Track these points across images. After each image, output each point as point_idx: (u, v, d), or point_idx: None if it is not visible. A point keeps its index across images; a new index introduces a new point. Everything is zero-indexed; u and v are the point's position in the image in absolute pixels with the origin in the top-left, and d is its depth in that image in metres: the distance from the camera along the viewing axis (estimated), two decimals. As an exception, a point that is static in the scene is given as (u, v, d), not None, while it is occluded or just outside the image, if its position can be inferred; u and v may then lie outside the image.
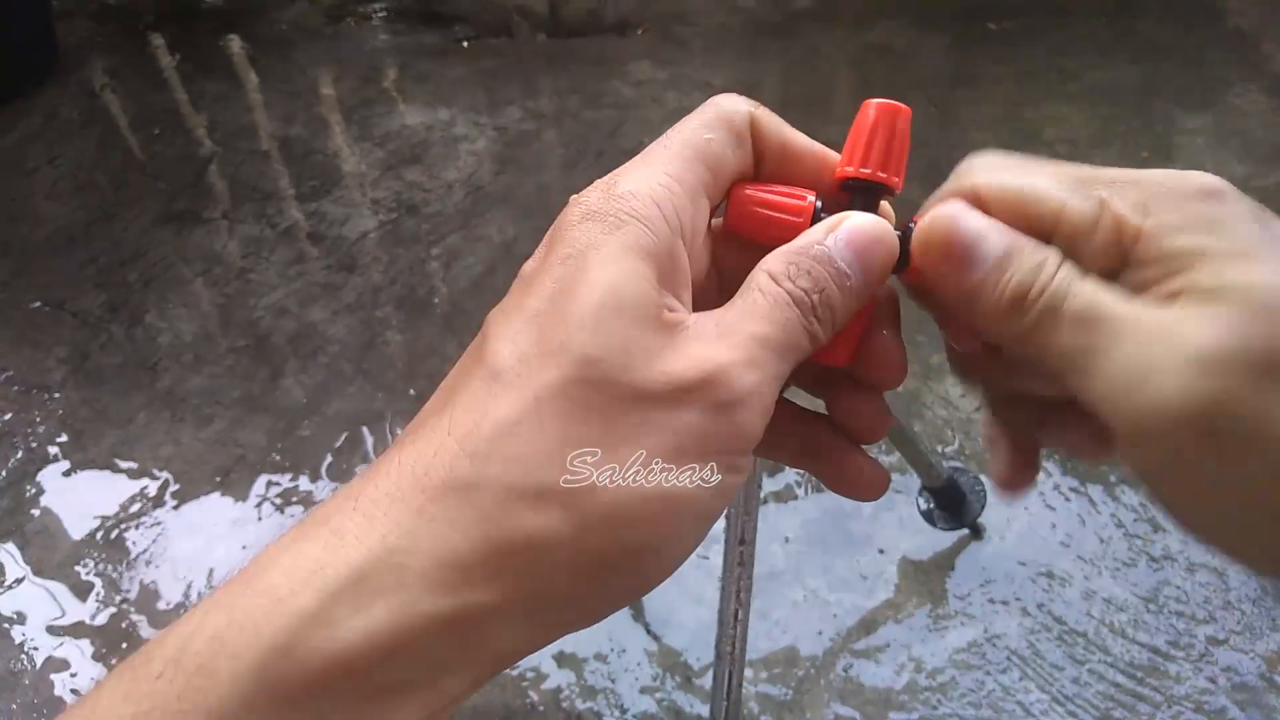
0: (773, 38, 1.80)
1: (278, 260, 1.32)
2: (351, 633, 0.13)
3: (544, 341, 0.15)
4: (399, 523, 0.14)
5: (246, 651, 0.13)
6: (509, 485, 0.14)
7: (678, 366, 0.15)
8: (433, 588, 0.14)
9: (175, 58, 1.79)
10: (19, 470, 1.03)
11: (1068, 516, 0.91)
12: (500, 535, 0.14)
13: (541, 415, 0.14)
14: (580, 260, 0.16)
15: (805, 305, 0.16)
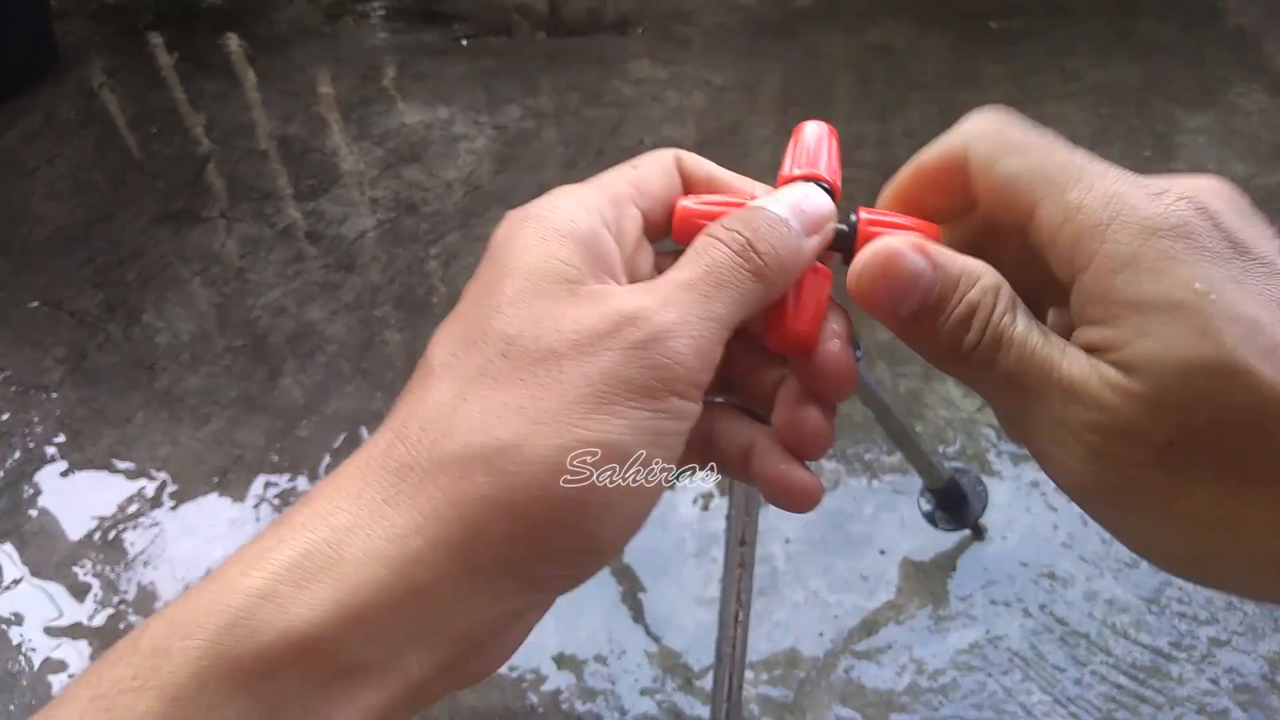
0: (773, 37, 1.79)
1: (276, 259, 1.31)
2: (298, 608, 0.14)
3: (469, 335, 0.16)
4: (340, 507, 0.15)
5: (197, 630, 0.14)
6: (438, 458, 0.15)
7: (590, 319, 0.15)
8: (373, 562, 0.14)
9: (174, 57, 1.78)
10: (17, 470, 1.02)
11: (1070, 517, 0.91)
12: (431, 505, 0.14)
13: (466, 393, 0.15)
14: (502, 254, 0.17)
15: (736, 243, 0.16)
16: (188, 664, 0.13)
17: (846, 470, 0.97)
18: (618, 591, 0.87)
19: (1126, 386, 0.14)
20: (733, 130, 1.52)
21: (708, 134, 1.51)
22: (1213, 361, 0.14)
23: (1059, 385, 0.15)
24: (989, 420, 1.02)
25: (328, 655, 0.14)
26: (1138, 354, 0.14)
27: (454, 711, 0.80)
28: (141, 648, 0.14)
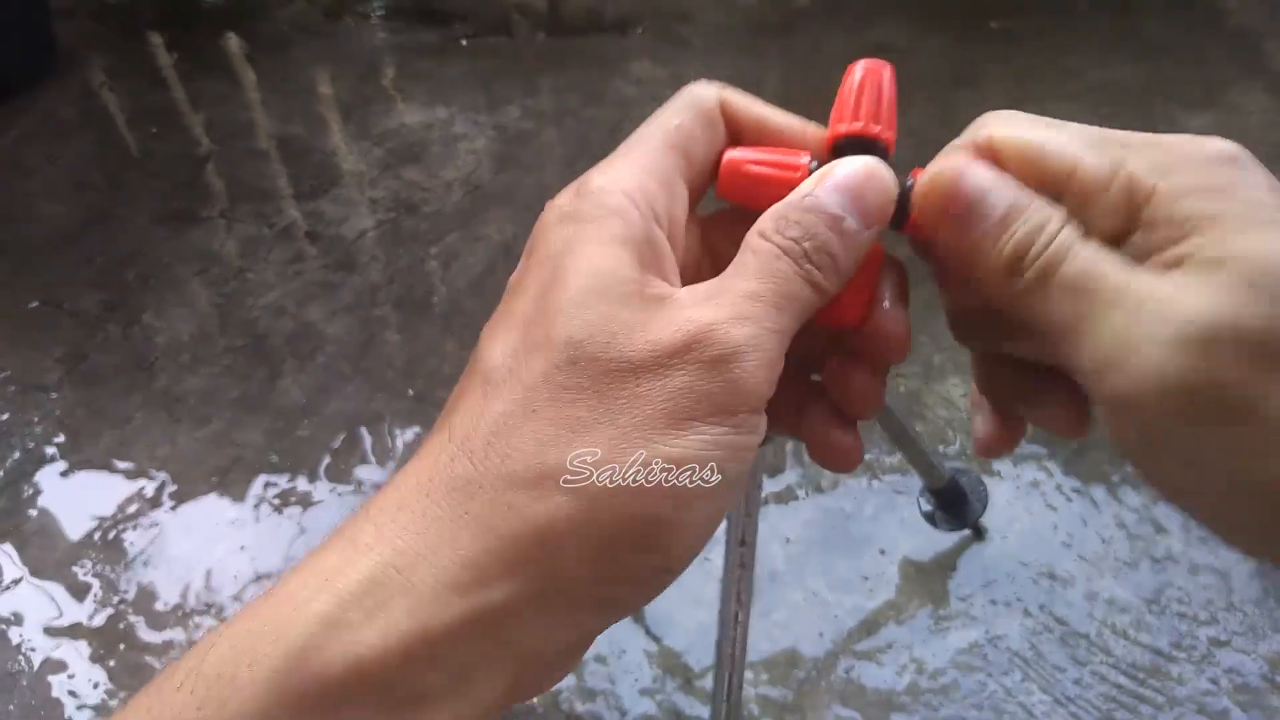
0: (773, 36, 1.79)
1: (275, 259, 1.31)
2: (368, 637, 0.13)
3: (530, 338, 0.15)
4: (406, 528, 0.14)
5: (265, 659, 0.13)
6: (508, 476, 0.14)
7: (664, 333, 0.15)
8: (446, 588, 0.13)
9: (173, 56, 1.78)
10: (16, 470, 1.02)
11: (1070, 517, 0.91)
12: (505, 527, 0.14)
13: (533, 404, 0.14)
14: (558, 259, 0.16)
15: (796, 253, 0.16)
16: (255, 696, 0.13)
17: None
18: (617, 592, 0.87)
19: (1212, 279, 0.14)
20: (733, 130, 1.52)
21: (708, 134, 1.51)
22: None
23: (1134, 289, 0.15)
24: (989, 420, 1.02)
25: (397, 685, 0.13)
26: (1221, 249, 0.14)
27: None
28: (205, 673, 0.13)
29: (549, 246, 0.16)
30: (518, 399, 0.15)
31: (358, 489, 0.98)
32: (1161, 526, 0.90)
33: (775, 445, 0.98)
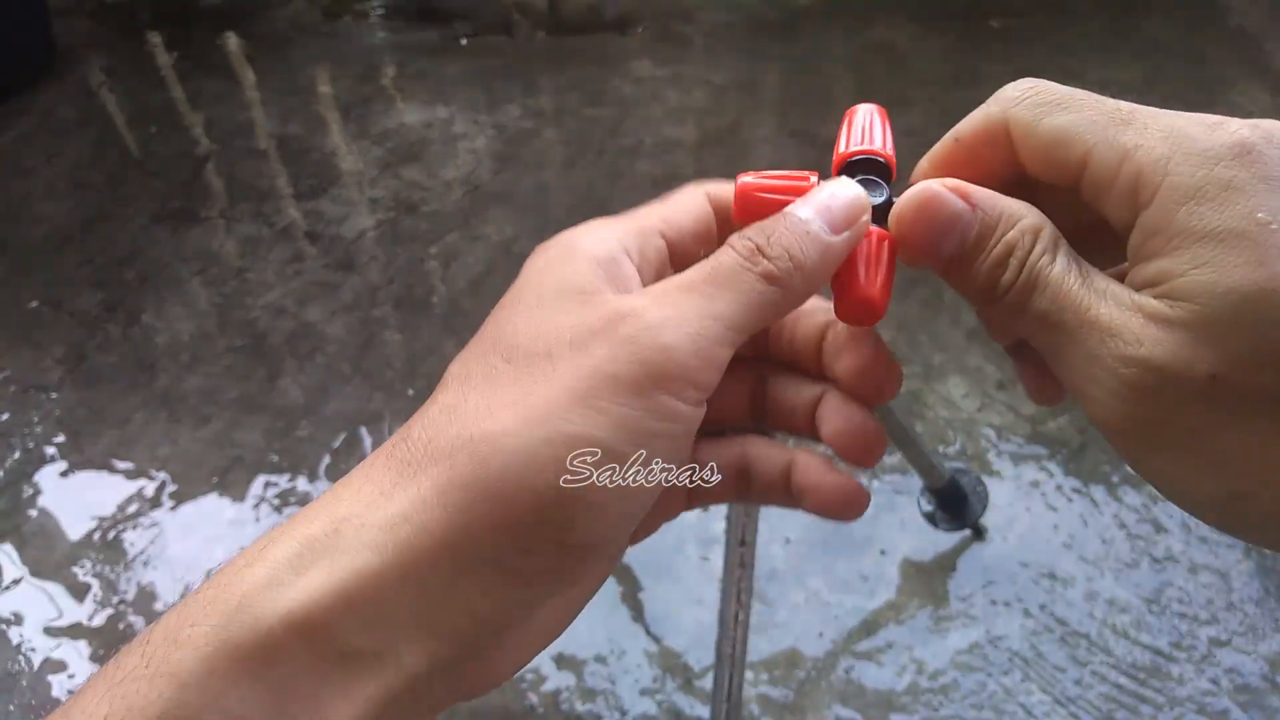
0: (773, 36, 1.79)
1: (275, 259, 1.31)
2: (295, 592, 0.14)
3: (481, 349, 0.17)
4: (341, 499, 0.15)
5: (204, 619, 0.14)
6: (432, 451, 0.15)
7: (588, 317, 0.16)
8: (367, 548, 0.14)
9: (172, 56, 1.78)
10: (16, 470, 1.02)
11: (1070, 517, 0.91)
12: (419, 494, 0.15)
13: (467, 396, 0.16)
14: (521, 281, 0.18)
15: (743, 247, 0.16)
16: (195, 650, 0.14)
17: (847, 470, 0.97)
18: (618, 592, 0.87)
19: (1172, 317, 0.14)
20: (733, 129, 1.52)
21: (708, 133, 1.51)
22: (1264, 289, 0.14)
23: (1095, 323, 0.15)
24: (989, 420, 1.02)
25: (325, 640, 0.14)
26: (1190, 283, 0.14)
27: (453, 712, 0.80)
28: (154, 638, 0.14)
29: (521, 273, 0.18)
30: (457, 395, 0.16)
31: (358, 489, 0.98)
32: (1162, 526, 0.90)
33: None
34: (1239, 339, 0.14)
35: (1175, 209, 0.15)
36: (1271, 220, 0.14)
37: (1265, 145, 0.15)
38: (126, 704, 0.13)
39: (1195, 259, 0.14)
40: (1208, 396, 0.14)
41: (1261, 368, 0.14)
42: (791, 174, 0.19)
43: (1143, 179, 0.15)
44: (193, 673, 0.14)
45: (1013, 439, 0.99)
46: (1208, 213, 0.14)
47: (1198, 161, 0.15)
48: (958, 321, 1.14)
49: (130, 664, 0.14)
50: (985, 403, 1.03)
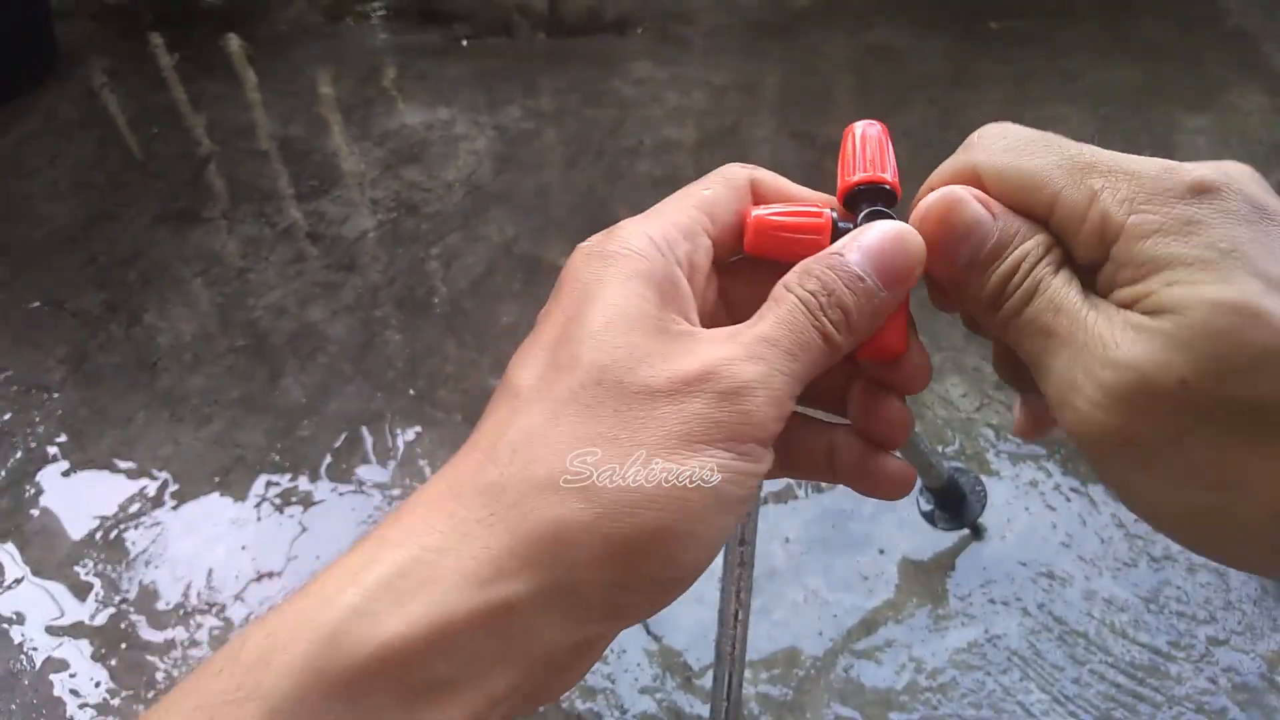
0: (773, 37, 1.79)
1: (277, 260, 1.31)
2: (392, 624, 0.14)
3: (557, 360, 0.17)
4: (433, 526, 0.15)
5: (296, 644, 0.14)
6: (531, 481, 0.15)
7: (683, 364, 0.16)
8: (466, 582, 0.14)
9: (174, 57, 1.79)
10: (18, 470, 1.03)
11: (1069, 517, 0.91)
12: (526, 527, 0.15)
13: (558, 418, 0.16)
14: (584, 291, 0.17)
15: (812, 305, 0.17)
16: (288, 676, 0.14)
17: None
18: (618, 591, 0.87)
19: (1151, 326, 0.15)
20: (733, 130, 1.52)
21: (708, 134, 1.52)
22: (1236, 302, 0.14)
23: (1084, 328, 0.16)
24: (987, 420, 1.02)
25: (417, 671, 0.14)
26: (1165, 297, 0.15)
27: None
28: (243, 659, 0.14)
29: (576, 280, 0.18)
30: (545, 412, 0.16)
31: (359, 488, 0.98)
32: (1160, 526, 0.90)
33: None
34: (1208, 346, 0.15)
35: (1142, 242, 0.16)
36: (1233, 249, 0.15)
37: (1226, 185, 0.16)
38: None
39: (1168, 279, 0.15)
40: (1179, 403, 0.15)
41: (1228, 379, 0.15)
42: (803, 208, 0.19)
43: (1109, 218, 0.16)
44: (284, 699, 0.14)
45: (1011, 439, 0.99)
46: (1174, 244, 0.15)
47: (1160, 200, 0.16)
48: (956, 321, 1.14)
49: (218, 686, 0.14)
50: (984, 402, 1.04)
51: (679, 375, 0.16)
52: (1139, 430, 0.15)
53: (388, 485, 0.98)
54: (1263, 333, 0.14)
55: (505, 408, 0.17)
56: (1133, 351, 0.15)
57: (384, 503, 0.96)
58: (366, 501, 0.96)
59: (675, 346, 0.16)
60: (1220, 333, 0.14)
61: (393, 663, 0.14)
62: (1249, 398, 0.14)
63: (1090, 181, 0.16)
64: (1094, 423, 0.16)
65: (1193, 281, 0.15)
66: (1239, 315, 0.14)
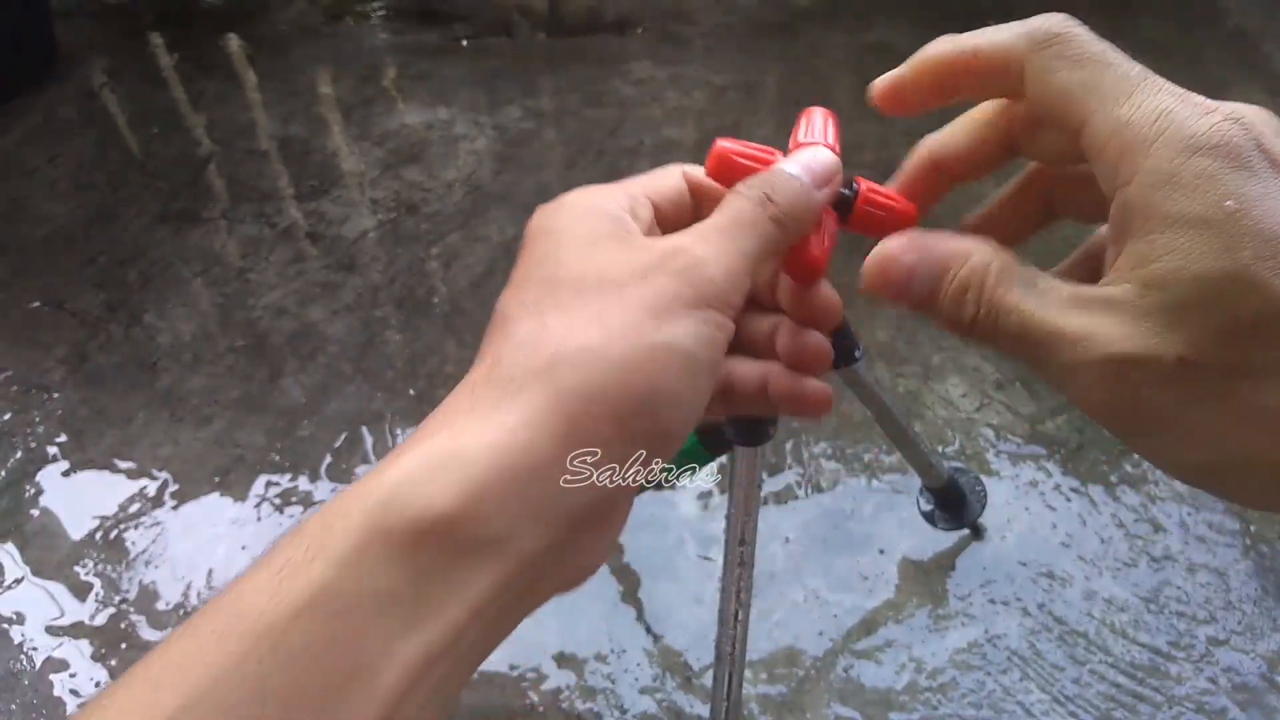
0: (773, 37, 1.79)
1: (277, 260, 1.31)
2: (433, 493, 0.16)
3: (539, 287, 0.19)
4: (459, 415, 0.18)
5: (353, 513, 0.16)
6: (534, 367, 0.18)
7: (643, 255, 0.19)
8: (494, 453, 0.17)
9: (174, 57, 1.79)
10: (18, 470, 1.03)
11: (1069, 517, 0.91)
12: (531, 403, 0.17)
13: (545, 322, 0.18)
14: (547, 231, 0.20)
15: (757, 197, 0.20)
16: (348, 537, 0.16)
17: (846, 470, 0.97)
18: (618, 590, 0.87)
19: (1142, 306, 0.16)
20: (733, 130, 1.52)
21: (708, 133, 1.52)
22: (1229, 273, 0.15)
23: (1063, 334, 0.17)
24: (987, 420, 1.02)
25: (459, 530, 0.16)
26: (1160, 270, 0.16)
27: (455, 711, 0.80)
28: (308, 531, 0.17)
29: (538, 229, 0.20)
30: (535, 322, 0.18)
31: (359, 488, 0.98)
32: (1160, 526, 0.90)
33: (774, 445, 0.98)
34: (1204, 322, 0.15)
35: (1152, 192, 0.16)
36: (1239, 208, 0.15)
37: (1242, 136, 0.15)
38: (291, 584, 0.16)
39: (1166, 246, 0.15)
40: (1179, 378, 0.15)
41: (1226, 347, 0.15)
42: (760, 147, 0.22)
43: (1125, 157, 0.16)
44: (347, 555, 0.16)
45: (1011, 439, 0.99)
46: (1180, 198, 0.15)
47: (1178, 148, 0.16)
48: (957, 322, 1.14)
49: (288, 554, 0.16)
50: (984, 402, 1.04)
51: (643, 263, 0.19)
52: (1143, 405, 0.16)
53: (388, 485, 0.98)
54: (1254, 302, 0.15)
55: (500, 329, 0.19)
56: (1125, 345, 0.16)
57: (384, 503, 0.97)
58: (366, 501, 0.97)
59: (636, 245, 0.19)
60: (1216, 308, 0.15)
61: (436, 526, 0.16)
62: (1245, 365, 0.15)
63: (1120, 112, 0.17)
64: (1098, 404, 0.17)
65: (1189, 252, 0.15)
66: (1231, 288, 0.15)
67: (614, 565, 0.89)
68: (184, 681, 0.15)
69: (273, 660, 0.15)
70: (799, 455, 0.99)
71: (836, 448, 0.99)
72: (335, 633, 0.15)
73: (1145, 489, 0.94)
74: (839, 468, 0.97)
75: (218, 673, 0.15)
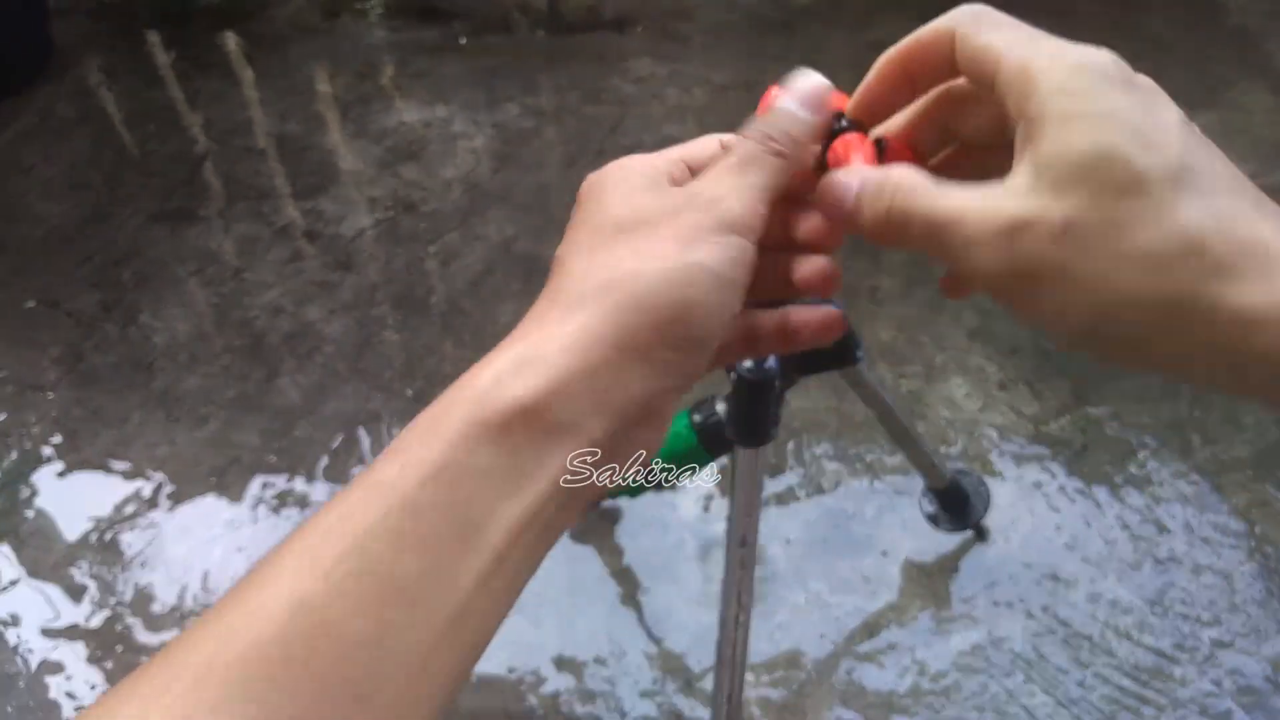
0: (773, 34, 1.79)
1: (273, 259, 1.31)
2: (520, 387, 0.21)
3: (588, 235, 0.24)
4: (535, 327, 0.22)
5: (455, 408, 0.21)
6: (585, 292, 0.22)
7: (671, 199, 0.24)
8: (567, 353, 0.21)
9: (171, 55, 1.78)
10: (13, 471, 1.02)
11: (1073, 519, 0.91)
12: (588, 317, 0.22)
13: (594, 254, 0.23)
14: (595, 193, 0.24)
15: (755, 135, 0.25)
16: (453, 426, 0.20)
17: (848, 471, 0.96)
18: (618, 593, 0.87)
19: (1033, 184, 0.20)
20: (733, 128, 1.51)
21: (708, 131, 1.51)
22: (1103, 151, 0.19)
23: (968, 212, 0.21)
24: (991, 421, 1.01)
25: (540, 418, 0.21)
26: (1049, 154, 0.20)
27: (453, 714, 0.79)
28: (418, 428, 0.21)
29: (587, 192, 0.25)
30: (584, 260, 0.23)
31: (356, 490, 0.98)
32: (1164, 527, 0.90)
33: (776, 446, 0.97)
34: (1084, 189, 0.20)
35: (1048, 101, 0.20)
36: (1111, 108, 0.20)
37: (1114, 64, 0.21)
38: (412, 463, 0.20)
39: (1055, 138, 0.20)
40: (1065, 235, 0.20)
41: (1102, 207, 0.19)
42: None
43: (1030, 82, 0.21)
44: (455, 440, 0.20)
45: (1015, 440, 0.99)
46: (1069, 102, 0.20)
47: (1069, 71, 0.21)
48: (959, 322, 1.14)
49: (407, 443, 0.21)
50: (987, 403, 1.03)
51: (673, 204, 0.23)
52: (1036, 263, 0.20)
53: (385, 486, 0.98)
54: (1122, 172, 0.19)
55: (559, 269, 0.24)
56: (1019, 209, 0.20)
57: (382, 504, 0.96)
58: (364, 503, 0.96)
59: (666, 192, 0.24)
60: (1090, 178, 0.19)
61: (523, 413, 0.21)
62: (1121, 219, 0.19)
63: (1024, 51, 0.22)
64: (997, 268, 0.21)
65: (1072, 140, 0.20)
66: (1105, 161, 0.19)
67: (614, 567, 0.89)
68: (339, 537, 0.19)
69: (406, 518, 0.20)
70: (800, 456, 0.98)
71: (838, 448, 0.99)
72: (453, 497, 0.20)
73: (1150, 490, 0.93)
74: (841, 469, 0.96)
75: (364, 528, 0.19)
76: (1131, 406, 1.02)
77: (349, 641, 0.18)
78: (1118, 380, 1.06)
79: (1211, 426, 0.99)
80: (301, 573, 0.19)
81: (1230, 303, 0.18)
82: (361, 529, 0.19)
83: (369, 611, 0.18)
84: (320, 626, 0.18)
